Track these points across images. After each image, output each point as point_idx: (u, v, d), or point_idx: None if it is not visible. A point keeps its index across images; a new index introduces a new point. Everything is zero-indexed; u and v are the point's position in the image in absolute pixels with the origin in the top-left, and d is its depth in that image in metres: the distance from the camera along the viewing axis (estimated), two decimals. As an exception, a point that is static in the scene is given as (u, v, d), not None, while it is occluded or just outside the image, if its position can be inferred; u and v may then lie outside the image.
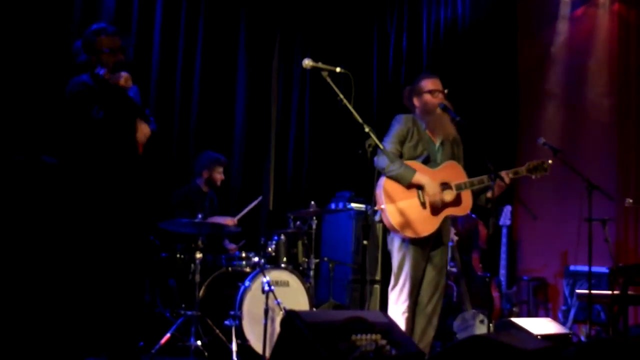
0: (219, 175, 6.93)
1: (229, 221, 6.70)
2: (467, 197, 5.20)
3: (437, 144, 5.29)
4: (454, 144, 5.36)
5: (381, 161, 5.03)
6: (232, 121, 7.86)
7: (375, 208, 5.09)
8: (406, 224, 5.00)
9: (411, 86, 5.43)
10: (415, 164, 5.11)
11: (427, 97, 5.26)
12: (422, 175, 5.05)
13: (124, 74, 4.72)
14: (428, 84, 5.30)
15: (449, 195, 5.10)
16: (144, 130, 4.92)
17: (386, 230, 5.23)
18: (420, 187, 5.05)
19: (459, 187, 5.13)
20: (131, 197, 4.83)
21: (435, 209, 5.08)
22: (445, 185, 5.11)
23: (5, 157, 5.01)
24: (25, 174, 5.28)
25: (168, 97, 7.30)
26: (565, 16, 9.73)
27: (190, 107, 7.50)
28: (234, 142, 7.86)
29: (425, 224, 5.05)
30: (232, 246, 7.12)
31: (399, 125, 5.25)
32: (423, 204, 5.06)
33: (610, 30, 9.40)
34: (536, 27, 9.90)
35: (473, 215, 7.97)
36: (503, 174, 5.08)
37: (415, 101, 5.33)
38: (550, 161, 5.29)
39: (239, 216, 6.82)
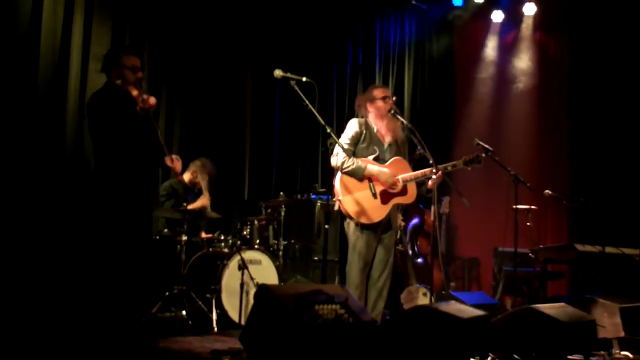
0: (197, 181, 6.89)
1: (204, 200, 6.66)
2: (412, 188, 5.22)
3: (386, 144, 5.30)
4: (400, 143, 5.38)
5: (338, 159, 5.02)
6: (213, 125, 7.78)
7: (334, 200, 5.09)
8: (361, 212, 5.01)
9: (363, 94, 5.46)
10: (366, 160, 5.13)
11: (380, 103, 5.27)
12: (372, 167, 5.07)
13: (150, 99, 4.62)
14: (380, 92, 5.33)
15: (397, 182, 5.13)
16: (178, 161, 4.90)
17: (343, 217, 5.22)
18: (371, 180, 5.06)
19: (405, 180, 5.15)
20: (146, 201, 4.81)
21: (384, 198, 5.10)
22: None
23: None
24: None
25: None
26: (495, 39, 9.83)
27: (175, 112, 7.42)
28: (215, 142, 7.78)
29: (377, 211, 5.07)
30: (208, 235, 7.05)
31: (353, 128, 5.25)
32: (374, 195, 5.08)
33: (533, 56, 9.54)
34: (471, 46, 9.96)
35: (421, 206, 8.01)
36: (441, 167, 5.10)
37: (369, 107, 5.34)
38: (483, 154, 5.31)
39: (207, 194, 6.77)
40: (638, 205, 8.14)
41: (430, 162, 4.98)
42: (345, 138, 5.20)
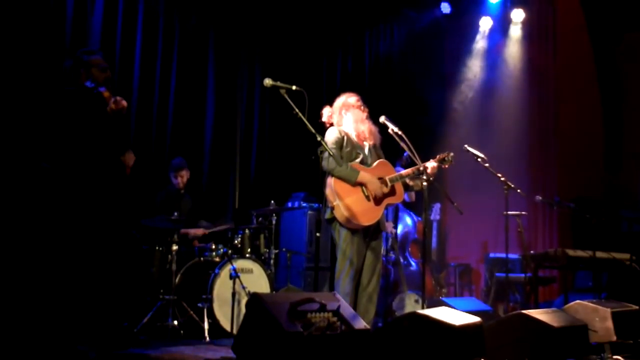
0: (180, 178, 6.88)
1: (200, 232, 6.77)
2: (399, 188, 5.30)
3: (366, 148, 5.36)
4: (376, 147, 5.46)
5: (330, 163, 5.04)
6: (202, 132, 7.78)
7: (329, 205, 5.10)
8: (356, 215, 5.02)
9: (335, 103, 5.47)
10: (356, 165, 5.16)
11: (356, 109, 5.34)
12: (364, 174, 5.10)
13: (122, 101, 4.62)
14: (354, 99, 5.41)
15: (385, 188, 5.18)
16: (132, 157, 4.86)
17: (331, 221, 5.22)
18: (363, 185, 5.10)
19: (392, 180, 5.21)
20: (115, 199, 4.77)
21: (377, 200, 5.14)
22: (381, 180, 5.18)
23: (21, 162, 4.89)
24: (26, 177, 5.19)
25: (147, 112, 7.22)
26: (483, 46, 9.88)
27: (166, 120, 7.41)
28: (204, 151, 7.79)
29: (371, 214, 5.10)
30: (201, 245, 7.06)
31: (334, 134, 5.28)
32: (367, 197, 5.11)
33: (521, 62, 9.58)
34: (460, 53, 10.01)
35: (413, 214, 8.03)
36: (427, 164, 5.19)
37: (344, 114, 5.38)
38: (452, 154, 5.37)
39: (209, 230, 6.87)
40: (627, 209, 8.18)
41: (421, 169, 5.05)
42: (330, 144, 5.22)
